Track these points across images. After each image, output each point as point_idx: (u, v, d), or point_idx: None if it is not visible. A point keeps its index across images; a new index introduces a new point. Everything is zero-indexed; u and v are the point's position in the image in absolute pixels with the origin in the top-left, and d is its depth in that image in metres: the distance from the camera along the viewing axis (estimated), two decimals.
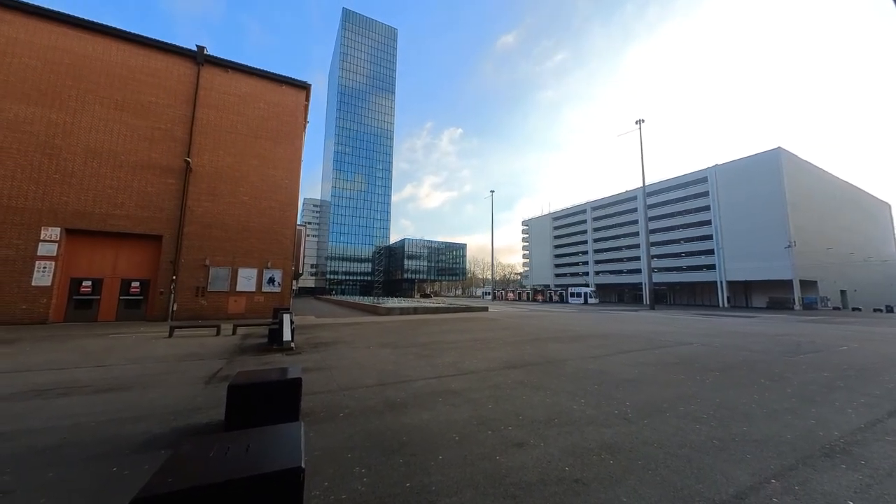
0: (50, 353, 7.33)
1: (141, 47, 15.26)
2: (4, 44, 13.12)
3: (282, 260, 16.71)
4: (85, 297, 13.43)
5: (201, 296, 14.82)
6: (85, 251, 13.63)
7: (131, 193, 14.22)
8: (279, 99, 17.74)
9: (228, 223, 15.79)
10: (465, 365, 6.66)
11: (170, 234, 14.63)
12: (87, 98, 14.00)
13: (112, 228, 13.84)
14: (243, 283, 15.76)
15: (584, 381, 5.51)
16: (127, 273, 14.15)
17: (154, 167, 14.71)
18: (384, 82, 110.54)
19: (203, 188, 15.45)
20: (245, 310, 15.52)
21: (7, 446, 3.10)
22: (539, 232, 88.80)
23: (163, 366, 6.36)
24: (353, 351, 8.08)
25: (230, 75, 16.83)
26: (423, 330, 12.44)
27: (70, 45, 14.04)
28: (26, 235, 12.61)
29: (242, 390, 3.11)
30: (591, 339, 10.67)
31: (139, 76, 14.97)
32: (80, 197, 13.46)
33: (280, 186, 17.13)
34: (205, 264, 15.07)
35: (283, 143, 17.46)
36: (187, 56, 15.97)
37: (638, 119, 36.67)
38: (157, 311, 14.13)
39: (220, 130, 16.12)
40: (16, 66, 13.16)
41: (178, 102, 15.49)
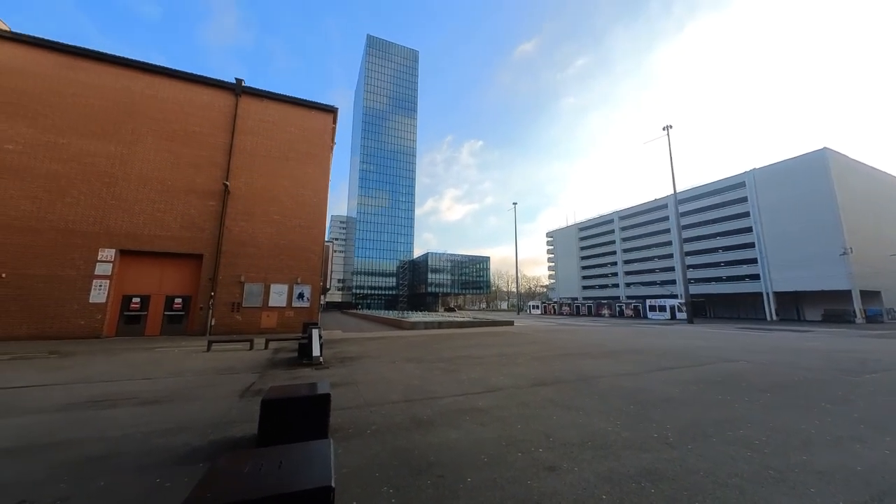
0: (103, 366, 7.89)
1: (188, 83, 16.71)
2: (74, 87, 14.80)
3: (310, 276, 17.28)
4: (134, 312, 14.44)
5: (236, 311, 15.54)
6: (134, 270, 14.74)
7: (176, 216, 15.34)
8: (308, 123, 18.75)
9: (261, 241, 16.60)
10: (492, 381, 6.51)
11: (209, 252, 15.57)
12: (141, 131, 15.42)
13: (159, 248, 14.93)
14: (275, 298, 16.39)
15: (618, 401, 5.23)
16: (171, 290, 15.13)
17: (197, 191, 15.84)
18: (406, 102, 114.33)
19: (239, 209, 16.41)
20: (277, 324, 16.07)
21: (65, 455, 3.33)
22: (564, 243, 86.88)
23: (201, 379, 6.67)
24: (379, 366, 8.13)
25: (264, 103, 18.02)
26: (447, 344, 12.34)
27: (127, 84, 15.62)
28: (86, 256, 13.83)
29: (275, 405, 3.19)
30: (625, 354, 10.15)
31: (187, 109, 16.36)
32: (132, 220, 14.67)
33: (309, 205, 17.90)
34: (240, 281, 15.85)
35: (312, 164, 18.32)
36: (227, 89, 17.31)
37: (666, 125, 35.60)
38: (196, 325, 14.93)
39: (254, 154, 17.19)
40: (82, 106, 14.77)
41: (219, 131, 16.73)
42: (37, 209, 13.51)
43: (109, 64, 15.56)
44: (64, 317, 13.21)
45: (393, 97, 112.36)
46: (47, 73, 14.55)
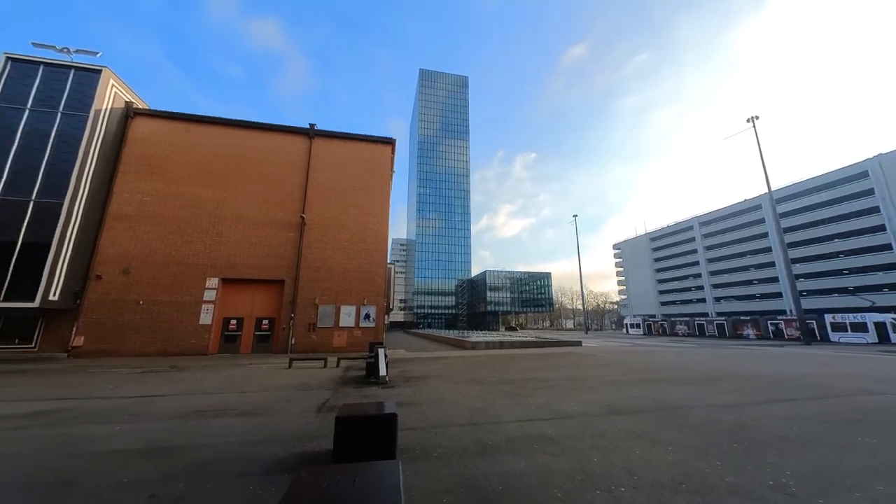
0: (208, 381, 9.13)
1: (272, 133, 19.47)
2: (188, 146, 18.18)
3: (375, 297, 18.26)
4: (231, 332, 16.61)
5: (312, 331, 16.97)
6: (232, 295, 17.07)
7: (263, 247, 17.56)
8: (370, 155, 20.39)
9: (332, 266, 18.12)
10: (561, 407, 6.08)
11: (289, 278, 17.42)
12: (238, 176, 18.23)
13: (251, 276, 17.15)
14: (344, 319, 17.58)
15: (717, 437, 4.49)
16: (260, 312, 17.15)
17: (279, 224, 18.03)
18: (458, 126, 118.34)
19: (313, 237, 18.22)
20: (347, 344, 17.14)
21: (182, 457, 3.88)
22: (634, 255, 79.75)
23: (284, 394, 7.33)
24: (443, 386, 8.13)
25: (332, 142, 20.12)
26: (510, 366, 11.91)
27: (224, 139, 18.72)
28: (198, 285, 16.44)
29: (347, 423, 3.37)
30: (723, 381, 8.76)
31: (270, 155, 18.98)
32: (231, 252, 17.16)
33: (373, 231, 19.17)
34: (315, 303, 17.37)
35: (375, 193, 19.74)
36: (303, 133, 19.74)
37: (750, 116, 31.37)
38: (280, 344, 16.61)
39: (325, 188, 19.12)
40: (194, 161, 18.02)
41: (297, 170, 19.02)
42: (164, 247, 16.56)
43: (211, 125, 18.87)
44: (181, 336, 15.71)
45: (445, 123, 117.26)
46: (171, 138, 18.14)
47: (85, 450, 4.13)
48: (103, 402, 6.66)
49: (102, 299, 15.50)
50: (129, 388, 8.09)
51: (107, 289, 15.65)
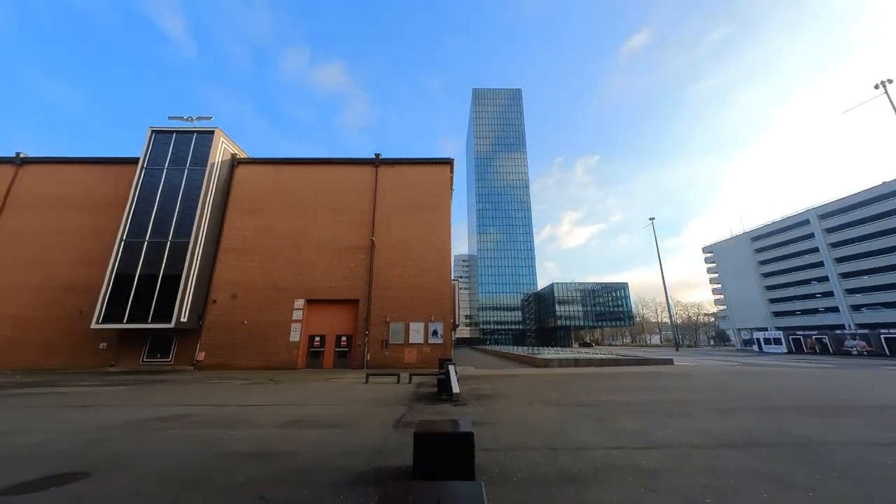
0: (299, 393, 10.08)
1: (343, 166, 21.58)
2: (277, 184, 21.00)
3: (442, 313, 18.56)
4: (316, 349, 18.24)
5: (385, 348, 17.80)
6: (315, 315, 18.85)
7: (340, 269, 19.21)
8: (430, 177, 21.28)
9: (400, 285, 18.98)
10: (655, 435, 5.36)
11: (363, 297, 18.68)
12: (316, 207, 20.45)
13: (330, 297, 18.80)
14: (414, 335, 18.14)
15: (884, 484, 3.51)
16: (339, 330, 18.60)
17: (353, 248, 19.62)
18: (514, 139, 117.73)
19: (383, 258, 19.39)
20: (417, 360, 17.59)
21: (283, 463, 4.30)
22: (731, 258, 68.98)
23: (363, 408, 7.73)
24: (516, 406, 7.80)
25: (395, 168, 21.51)
26: (589, 386, 10.98)
27: (305, 175, 21.23)
28: (287, 306, 18.54)
29: (426, 439, 3.41)
30: (879, 412, 6.92)
31: (342, 185, 20.98)
32: (313, 275, 19.09)
33: (436, 249, 19.74)
34: (386, 320, 18.28)
35: (436, 212, 20.42)
36: (369, 163, 21.50)
37: (881, 80, 25.50)
38: (357, 360, 17.73)
39: (391, 211, 20.37)
40: (282, 197, 20.71)
41: (365, 197, 20.67)
42: (262, 274, 19.11)
43: (293, 164, 21.59)
44: (276, 352, 17.74)
45: (501, 137, 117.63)
46: (264, 180, 21.18)
47: (210, 451, 4.82)
48: (219, 409, 7.76)
49: (217, 320, 18.35)
50: (239, 397, 9.32)
51: (220, 311, 18.50)
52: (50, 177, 21.57)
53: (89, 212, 20.44)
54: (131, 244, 18.33)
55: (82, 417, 7.01)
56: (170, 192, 19.36)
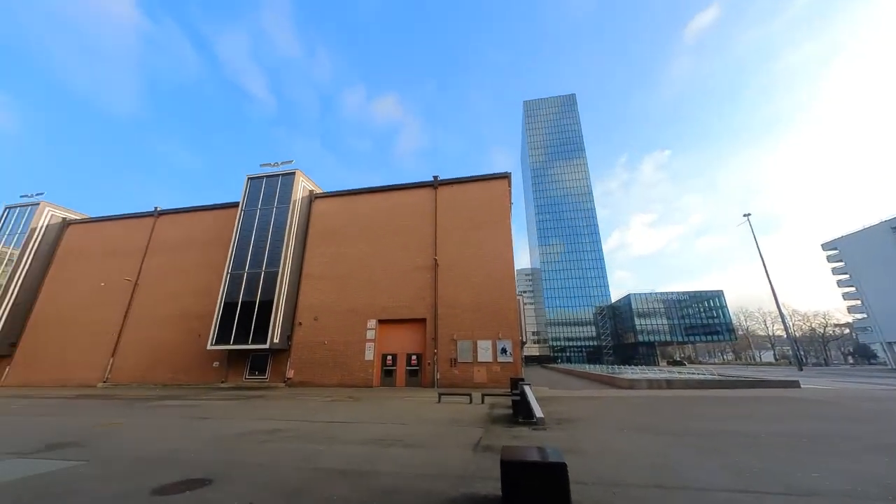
0: (377, 410, 10.45)
1: (404, 190, 22.77)
2: (348, 213, 22.88)
3: (509, 330, 17.99)
4: (388, 367, 18.93)
5: (454, 366, 17.75)
6: (387, 334, 19.68)
7: (407, 289, 19.94)
8: (488, 193, 21.31)
9: (465, 302, 18.97)
10: (796, 479, 4.35)
11: (430, 316, 19.04)
12: (383, 232, 21.74)
13: (399, 316, 19.54)
14: (482, 353, 17.81)
15: None
16: (409, 349, 19.12)
17: (418, 268, 20.30)
18: (572, 145, 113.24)
19: (446, 277, 19.68)
20: (487, 379, 17.17)
21: (371, 483, 4.41)
22: (867, 255, 55.92)
23: (440, 428, 7.68)
24: (604, 432, 7.05)
25: (453, 187, 22.02)
26: (690, 411, 9.52)
27: (371, 202, 22.80)
28: (361, 326, 19.70)
29: (514, 468, 3.21)
30: None
31: (405, 209, 22.07)
32: (383, 296, 20.09)
33: (499, 264, 19.44)
34: (453, 339, 18.30)
35: (497, 227, 20.25)
36: (428, 186, 22.36)
37: None
38: (428, 379, 17.93)
39: (452, 230, 20.74)
40: (352, 224, 22.46)
41: (427, 219, 21.42)
42: (337, 297, 20.70)
43: (361, 194, 23.37)
44: (353, 370, 18.81)
45: (557, 146, 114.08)
46: (337, 210, 23.26)
47: (307, 466, 5.17)
48: (310, 424, 8.36)
49: (303, 341, 20.20)
50: (325, 414, 9.98)
51: (305, 332, 20.37)
52: (176, 224, 26.49)
53: (204, 250, 24.47)
54: (235, 276, 21.38)
55: (204, 428, 8.11)
56: (262, 228, 22.33)
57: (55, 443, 6.78)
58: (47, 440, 7.01)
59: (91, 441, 6.94)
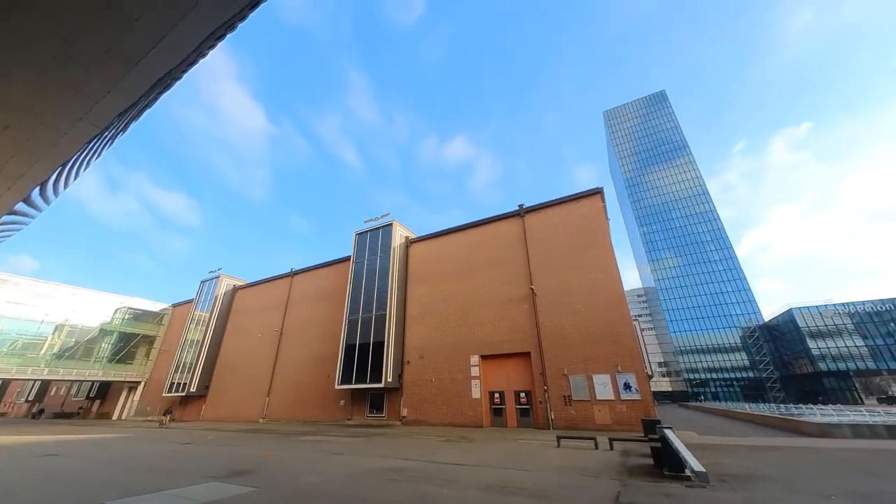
0: (492, 454, 10.00)
1: (490, 223, 23.06)
2: (439, 253, 24.06)
3: (630, 361, 15.68)
4: (497, 406, 18.22)
5: (569, 405, 16.09)
6: (491, 370, 19.22)
7: (505, 322, 19.45)
8: (580, 212, 20.04)
9: (571, 332, 17.45)
10: None
11: (533, 349, 18.01)
12: (474, 267, 22.11)
13: (501, 351, 19.00)
14: (600, 390, 15.80)
15: None
16: (515, 386, 18.21)
17: (513, 299, 19.78)
18: (671, 145, 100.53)
19: (545, 306, 18.61)
20: (611, 420, 15.00)
21: None
22: None
23: (566, 478, 6.88)
24: (800, 500, 5.28)
25: (540, 213, 21.39)
26: None
27: (460, 240, 23.60)
28: (464, 363, 19.73)
29: None
30: None
31: (493, 241, 22.20)
32: (483, 331, 19.96)
33: (604, 287, 17.59)
34: (563, 373, 16.78)
35: (596, 248, 18.64)
36: (514, 215, 22.23)
37: None
38: (541, 419, 16.58)
39: (546, 256, 19.86)
40: (444, 263, 23.46)
41: (517, 248, 21.07)
42: (439, 334, 21.39)
43: (449, 234, 24.46)
44: (461, 409, 18.67)
45: (651, 149, 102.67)
46: (430, 252, 24.76)
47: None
48: (429, 465, 8.44)
49: (412, 379, 21.15)
50: (442, 454, 9.99)
51: (413, 371, 21.35)
52: (306, 280, 31.78)
53: (329, 299, 28.53)
54: (352, 320, 24.16)
55: (339, 464, 8.93)
56: (370, 276, 25.09)
57: (236, 469, 8.29)
58: (231, 467, 8.64)
59: (259, 470, 8.27)
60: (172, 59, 6.17)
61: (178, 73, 6.58)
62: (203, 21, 5.65)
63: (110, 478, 7.81)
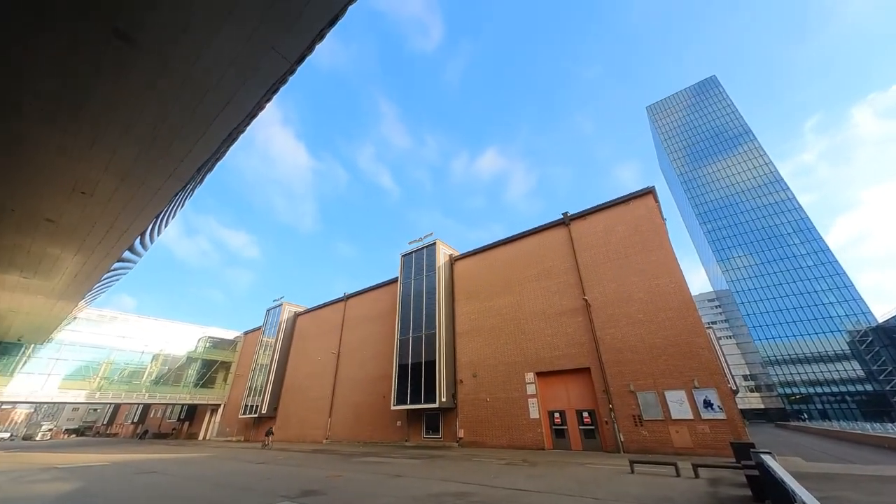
0: (558, 479, 9.35)
1: (534, 234, 22.47)
2: (485, 269, 23.84)
3: (708, 376, 13.98)
4: (558, 426, 17.15)
5: (640, 425, 14.65)
6: (549, 388, 18.26)
7: (559, 336, 18.51)
8: (631, 215, 18.82)
9: (634, 344, 16.09)
10: None
11: (593, 364, 16.85)
12: (520, 280, 21.55)
13: (557, 367, 18.03)
14: (675, 408, 14.21)
15: None
16: (577, 404, 17.05)
17: (565, 312, 18.84)
18: (729, 133, 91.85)
19: (602, 318, 17.45)
20: (692, 443, 13.34)
21: None
22: None
23: None
24: None
25: (587, 219, 20.42)
26: None
27: (505, 253, 23.22)
28: (519, 381, 18.99)
29: None
30: None
31: (540, 253, 21.55)
32: (536, 347, 19.16)
33: (667, 293, 16.11)
34: (630, 390, 15.41)
35: (654, 251, 17.28)
36: (560, 224, 21.47)
37: None
38: (609, 442, 15.27)
39: (597, 264, 18.79)
40: (491, 278, 23.15)
41: (565, 258, 20.23)
42: (491, 351, 20.92)
43: (493, 248, 24.20)
44: (519, 430, 17.84)
45: (707, 140, 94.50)
46: (475, 268, 24.66)
47: None
48: (492, 490, 8.11)
49: (466, 398, 20.78)
50: (504, 479, 9.56)
51: (467, 390, 20.99)
52: (358, 303, 33.22)
53: (380, 321, 29.46)
54: (402, 340, 24.61)
55: (401, 486, 8.92)
56: (418, 296, 25.55)
57: (306, 489, 8.66)
58: (301, 487, 9.04)
59: (327, 490, 8.55)
60: (238, 117, 7.08)
61: (243, 128, 7.50)
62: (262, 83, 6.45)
63: (200, 493, 8.57)
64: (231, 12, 5.24)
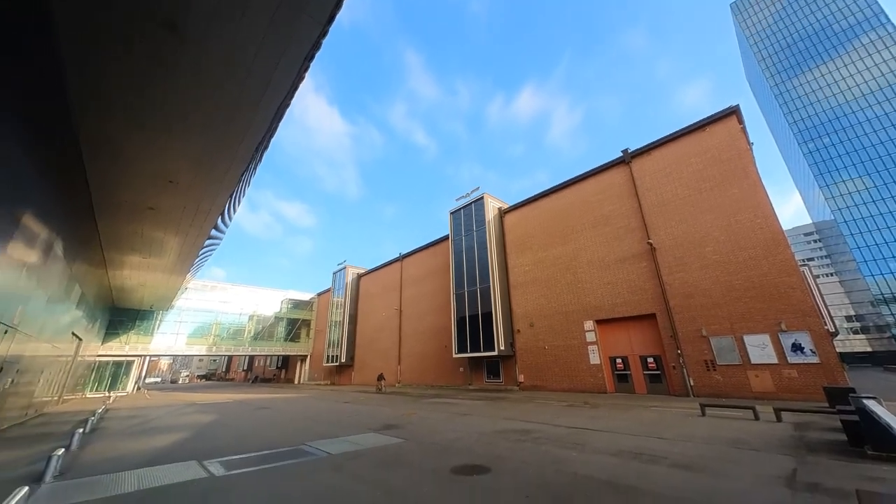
0: (620, 420, 9.52)
1: (588, 178, 20.79)
2: (536, 219, 22.97)
3: (800, 318, 12.53)
4: (620, 372, 17.08)
5: (713, 370, 13.96)
6: (610, 335, 17.97)
7: (621, 284, 17.70)
8: (708, 143, 16.34)
9: (708, 288, 14.82)
10: None
11: (659, 310, 16.02)
12: (576, 227, 20.50)
13: (618, 314, 17.49)
14: (755, 353, 13.18)
15: None
16: (641, 350, 16.66)
17: (627, 258, 17.75)
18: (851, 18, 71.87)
19: (670, 261, 16.16)
20: (774, 388, 12.46)
21: (646, 500, 3.98)
22: None
23: (716, 449, 6.10)
24: None
25: (652, 154, 18.22)
26: None
27: (559, 199, 21.99)
28: (578, 329, 18.90)
29: None
30: None
31: (595, 196, 20.05)
32: (594, 295, 18.64)
33: (752, 229, 14.22)
34: (702, 335, 14.53)
35: (734, 182, 15.08)
36: (618, 163, 19.51)
37: None
38: (677, 386, 14.90)
39: (664, 204, 17.04)
40: (544, 228, 22.34)
41: (626, 200, 18.62)
42: (547, 302, 20.88)
43: (544, 197, 22.96)
44: (580, 375, 18.13)
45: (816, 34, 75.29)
46: (525, 218, 23.88)
47: (563, 469, 5.29)
48: (553, 428, 8.57)
49: (524, 347, 21.41)
50: (564, 419, 10.00)
51: (524, 339, 21.55)
52: (413, 262, 34.74)
53: (436, 277, 30.74)
54: (458, 294, 25.56)
55: (468, 423, 9.83)
56: (469, 251, 25.86)
57: (387, 424, 9.97)
58: (382, 422, 10.42)
59: (404, 425, 9.76)
60: (281, 93, 7.28)
61: (288, 102, 7.72)
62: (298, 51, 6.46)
63: (303, 426, 10.36)
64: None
